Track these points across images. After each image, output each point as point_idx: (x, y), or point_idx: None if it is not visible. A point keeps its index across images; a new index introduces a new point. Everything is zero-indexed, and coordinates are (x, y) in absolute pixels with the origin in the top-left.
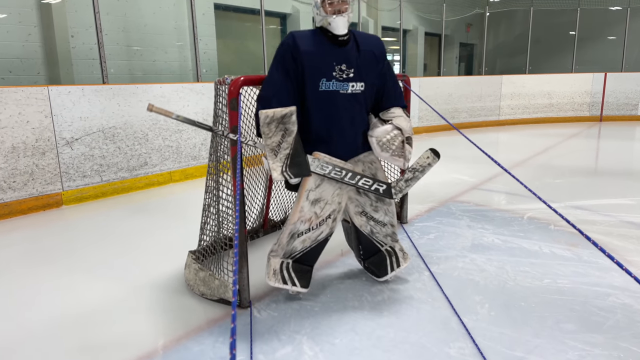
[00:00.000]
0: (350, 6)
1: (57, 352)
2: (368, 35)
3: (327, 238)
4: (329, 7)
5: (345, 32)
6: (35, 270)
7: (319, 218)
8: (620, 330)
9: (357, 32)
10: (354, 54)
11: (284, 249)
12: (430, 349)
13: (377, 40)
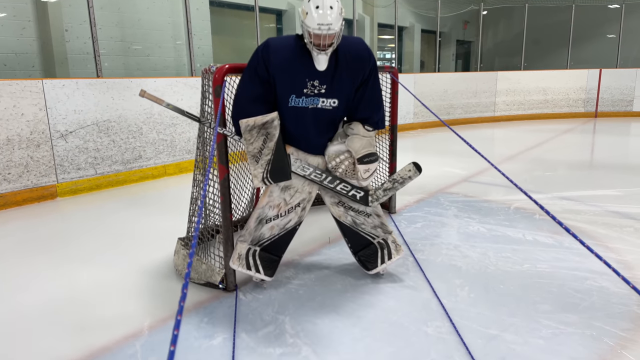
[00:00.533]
0: (337, 37)
1: (50, 332)
2: (353, 41)
3: (295, 227)
4: (314, 40)
5: (324, 69)
6: (29, 258)
7: (287, 205)
8: (595, 311)
9: (342, 40)
10: (331, 69)
11: (251, 235)
12: (408, 328)
13: (361, 48)
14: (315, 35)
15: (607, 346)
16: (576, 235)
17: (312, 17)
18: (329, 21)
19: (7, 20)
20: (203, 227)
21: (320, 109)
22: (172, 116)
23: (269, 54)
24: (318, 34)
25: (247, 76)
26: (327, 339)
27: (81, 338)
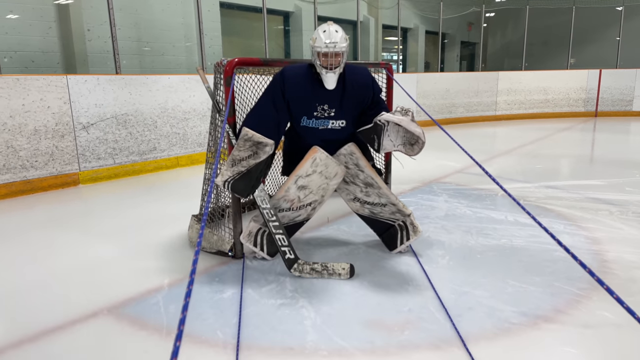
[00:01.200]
0: (343, 57)
1: (83, 288)
2: (356, 69)
3: (303, 222)
4: (322, 61)
5: (333, 87)
6: (57, 233)
7: (300, 202)
8: (557, 275)
9: (348, 69)
10: (339, 94)
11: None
12: (391, 286)
13: (365, 76)
14: (323, 54)
15: (563, 300)
16: (529, 211)
17: (320, 38)
18: (335, 40)
19: (34, 21)
20: (215, 206)
21: (330, 129)
22: (184, 111)
23: (284, 83)
24: (326, 52)
25: (264, 99)
26: (321, 293)
27: (112, 291)
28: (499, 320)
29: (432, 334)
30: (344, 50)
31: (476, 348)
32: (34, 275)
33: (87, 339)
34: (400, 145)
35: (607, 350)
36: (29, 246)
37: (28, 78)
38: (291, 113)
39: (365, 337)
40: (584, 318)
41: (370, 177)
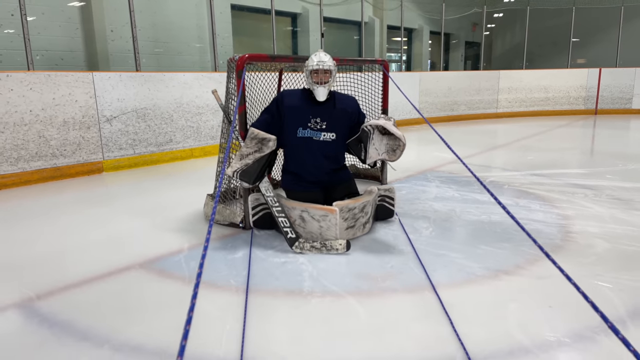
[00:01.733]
0: (331, 76)
1: (116, 252)
2: (345, 96)
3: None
4: (314, 78)
5: (324, 99)
6: (83, 211)
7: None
8: (524, 242)
9: (337, 94)
10: (330, 111)
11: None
12: (379, 249)
13: (352, 101)
14: (314, 71)
15: (523, 259)
16: (488, 188)
17: (312, 60)
18: (324, 59)
19: (64, 23)
20: (227, 187)
21: (322, 141)
22: (198, 106)
23: (283, 99)
24: (316, 69)
25: (266, 110)
26: (318, 255)
27: (141, 252)
28: (467, 273)
29: (408, 283)
30: (331, 68)
31: (444, 292)
32: (72, 242)
33: (126, 284)
34: (384, 153)
35: (552, 295)
36: (63, 221)
37: (58, 74)
38: (285, 127)
39: (353, 284)
40: (537, 271)
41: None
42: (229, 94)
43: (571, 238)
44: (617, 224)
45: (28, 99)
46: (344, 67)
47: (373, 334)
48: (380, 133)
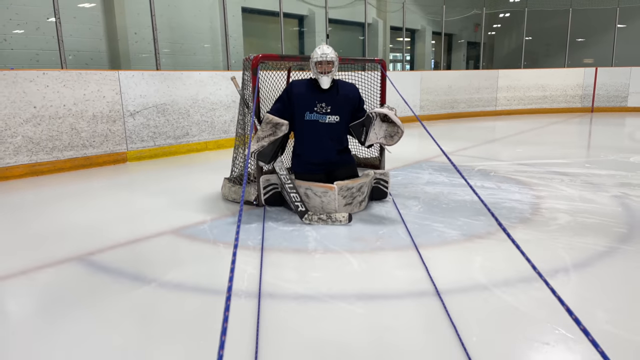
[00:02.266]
0: (333, 66)
1: (142, 222)
2: (347, 83)
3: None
4: (318, 68)
5: (328, 87)
6: (113, 193)
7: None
8: (500, 216)
9: (340, 82)
10: (333, 96)
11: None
12: (373, 220)
13: (353, 88)
14: (318, 62)
15: (496, 228)
16: (461, 172)
17: (316, 53)
18: (326, 52)
19: (93, 27)
20: (242, 171)
21: (328, 123)
22: (212, 102)
23: (292, 88)
24: (320, 61)
25: (278, 99)
26: (322, 224)
27: (170, 223)
28: (445, 237)
29: (395, 244)
30: (333, 60)
31: (424, 250)
32: (106, 217)
33: (162, 245)
34: (382, 138)
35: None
36: (96, 202)
37: (88, 73)
38: (295, 111)
39: (349, 245)
40: (505, 237)
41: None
42: (245, 87)
43: (539, 213)
44: (583, 202)
45: (62, 95)
46: (346, 66)
47: (363, 277)
48: (381, 120)
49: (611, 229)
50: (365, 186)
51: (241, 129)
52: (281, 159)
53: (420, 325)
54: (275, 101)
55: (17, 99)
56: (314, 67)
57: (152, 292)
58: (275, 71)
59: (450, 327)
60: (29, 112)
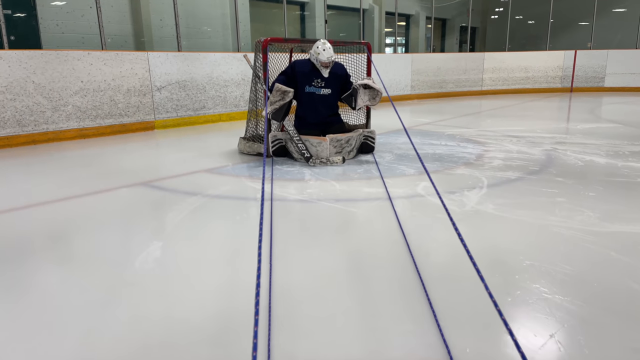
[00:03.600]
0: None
1: (179, 165)
2: (337, 64)
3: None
4: (322, 64)
5: (327, 76)
6: (146, 152)
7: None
8: (451, 162)
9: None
10: (327, 75)
11: (284, 137)
12: (356, 167)
13: (342, 67)
14: (324, 62)
15: (444, 167)
16: (408, 132)
17: (323, 55)
18: (331, 54)
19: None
20: (254, 132)
21: (322, 94)
22: (225, 79)
23: (295, 66)
24: (326, 62)
25: (284, 73)
26: (316, 169)
27: (201, 166)
28: (404, 173)
29: (368, 177)
30: (334, 59)
31: (387, 179)
32: (153, 162)
33: (200, 178)
34: (367, 101)
35: (453, 180)
36: (135, 156)
37: (124, 53)
38: (298, 84)
39: (337, 177)
40: (450, 172)
41: (350, 145)
42: (256, 65)
43: (481, 159)
44: (518, 153)
45: (103, 72)
46: (340, 48)
47: (342, 192)
48: (364, 88)
49: (527, 167)
50: (352, 140)
51: (253, 97)
52: (289, 118)
53: (376, 212)
54: (280, 74)
55: (67, 75)
56: (317, 61)
57: (201, 199)
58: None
59: (394, 214)
60: (77, 85)
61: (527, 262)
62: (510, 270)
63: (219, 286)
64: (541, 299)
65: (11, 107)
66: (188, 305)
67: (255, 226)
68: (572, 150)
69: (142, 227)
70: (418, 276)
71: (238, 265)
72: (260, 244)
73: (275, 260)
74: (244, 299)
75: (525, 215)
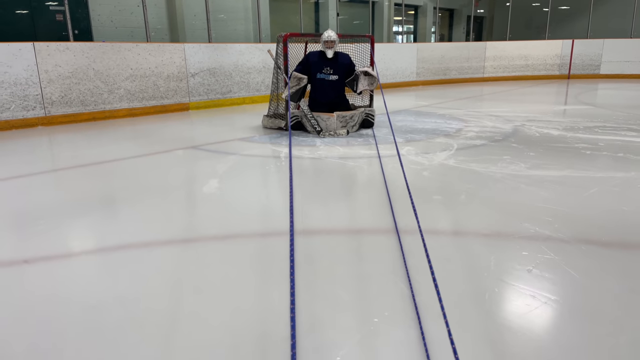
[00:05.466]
0: (335, 44)
1: (214, 135)
2: (343, 54)
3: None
4: (325, 45)
5: (331, 57)
6: (183, 127)
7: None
8: (433, 134)
9: (339, 53)
10: (335, 63)
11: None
12: (358, 138)
13: (347, 57)
14: (325, 41)
15: (427, 138)
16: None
17: (324, 36)
18: (330, 35)
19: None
20: (275, 110)
21: (330, 80)
22: (248, 67)
23: (309, 57)
24: (327, 40)
25: (300, 64)
26: (326, 141)
27: (235, 136)
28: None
29: (365, 145)
30: (334, 39)
31: (380, 146)
32: (195, 133)
33: (235, 144)
34: (367, 85)
35: (432, 146)
36: (175, 129)
37: (164, 44)
38: (311, 72)
39: (341, 144)
40: (432, 142)
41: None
42: (278, 56)
43: (459, 132)
44: (492, 128)
45: (148, 60)
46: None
47: (344, 153)
48: (364, 75)
49: (493, 137)
50: (355, 116)
51: (275, 82)
52: (304, 100)
53: (366, 164)
54: (298, 64)
55: (120, 63)
56: (322, 44)
57: (238, 157)
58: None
59: (379, 164)
60: (127, 72)
61: (464, 192)
62: (450, 194)
63: (258, 208)
64: (461, 204)
65: (76, 90)
66: (236, 217)
67: (278, 173)
68: (537, 125)
69: (201, 171)
70: (387, 193)
71: (270, 195)
72: (291, 181)
73: (295, 189)
74: (276, 215)
75: (474, 166)
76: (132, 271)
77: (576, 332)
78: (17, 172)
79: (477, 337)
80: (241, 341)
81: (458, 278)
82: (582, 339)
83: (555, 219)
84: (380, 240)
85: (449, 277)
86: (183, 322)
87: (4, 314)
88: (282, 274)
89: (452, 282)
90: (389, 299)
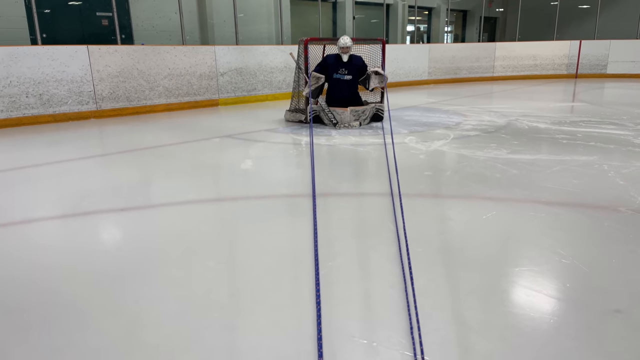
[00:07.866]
0: (350, 49)
1: (241, 127)
2: (356, 56)
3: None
4: (341, 50)
5: (346, 60)
6: (214, 120)
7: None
8: (435, 127)
9: (353, 56)
10: (349, 65)
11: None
12: (368, 129)
13: (360, 59)
14: (341, 48)
15: (429, 129)
16: (388, 100)
17: (340, 42)
18: (346, 42)
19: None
20: (296, 105)
21: (345, 79)
22: (271, 67)
23: (326, 60)
24: (342, 46)
25: (319, 65)
26: (342, 132)
27: (261, 127)
28: (400, 132)
29: (374, 134)
30: (349, 46)
31: (386, 135)
32: (226, 125)
33: (262, 133)
34: (377, 83)
35: (434, 136)
36: (207, 121)
37: (197, 47)
38: (328, 72)
39: (353, 134)
40: (433, 132)
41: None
42: (300, 58)
43: (458, 125)
44: (488, 122)
45: (183, 61)
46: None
47: (356, 141)
48: (375, 74)
49: (486, 130)
50: (367, 111)
51: (296, 81)
52: (322, 97)
53: (373, 149)
54: (316, 65)
55: (160, 64)
56: (339, 49)
57: (266, 143)
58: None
59: (384, 150)
60: (165, 71)
61: (450, 169)
62: (438, 171)
63: (285, 178)
64: (445, 177)
65: (122, 87)
66: (270, 185)
67: (300, 156)
68: (528, 120)
69: (238, 153)
70: (387, 170)
71: (295, 171)
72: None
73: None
74: (300, 183)
75: (464, 151)
76: (204, 216)
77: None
78: (91, 153)
79: (438, 276)
80: (282, 253)
81: (431, 225)
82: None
83: (516, 186)
84: (377, 200)
85: (422, 222)
86: (243, 245)
87: None
88: (307, 217)
89: (425, 227)
90: (382, 233)
